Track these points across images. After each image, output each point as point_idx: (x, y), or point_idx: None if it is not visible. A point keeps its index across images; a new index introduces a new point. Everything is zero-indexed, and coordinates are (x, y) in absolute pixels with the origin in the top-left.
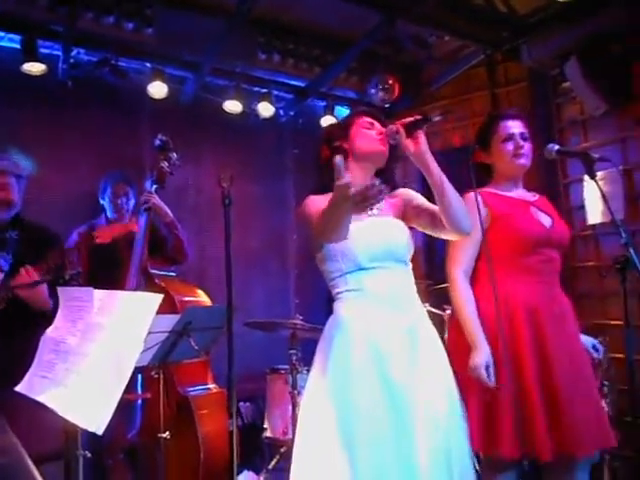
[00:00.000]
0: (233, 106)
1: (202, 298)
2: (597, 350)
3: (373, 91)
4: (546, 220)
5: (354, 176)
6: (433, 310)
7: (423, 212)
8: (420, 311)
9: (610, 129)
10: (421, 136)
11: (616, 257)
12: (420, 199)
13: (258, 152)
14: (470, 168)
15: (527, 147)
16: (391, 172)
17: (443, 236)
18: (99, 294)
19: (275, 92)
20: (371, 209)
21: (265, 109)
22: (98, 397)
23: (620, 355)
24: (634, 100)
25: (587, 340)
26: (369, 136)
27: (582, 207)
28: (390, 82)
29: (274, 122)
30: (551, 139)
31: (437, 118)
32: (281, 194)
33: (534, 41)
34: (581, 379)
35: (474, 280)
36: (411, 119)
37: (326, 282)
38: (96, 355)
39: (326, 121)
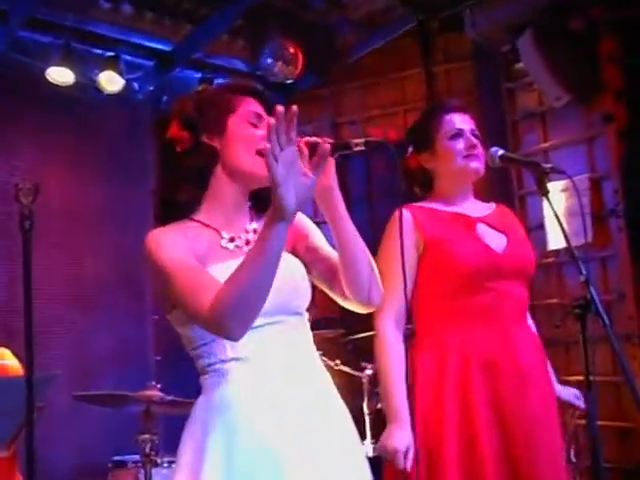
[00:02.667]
0: (61, 75)
1: (8, 361)
2: (579, 400)
3: (269, 61)
4: (498, 241)
5: (219, 195)
6: (347, 370)
7: (320, 260)
8: (323, 379)
9: (574, 125)
10: (331, 166)
11: (576, 298)
12: (319, 237)
13: (101, 142)
14: (402, 176)
15: (480, 147)
16: (268, 197)
17: (342, 303)
18: None
19: (126, 57)
20: (246, 242)
21: (110, 81)
22: None
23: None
24: (601, 90)
25: (567, 393)
26: (252, 144)
27: (542, 227)
28: (291, 50)
29: (125, 100)
30: (501, 135)
31: (359, 148)
32: (136, 202)
33: (480, 8)
34: (549, 455)
35: (414, 327)
36: (319, 141)
37: (187, 350)
38: None
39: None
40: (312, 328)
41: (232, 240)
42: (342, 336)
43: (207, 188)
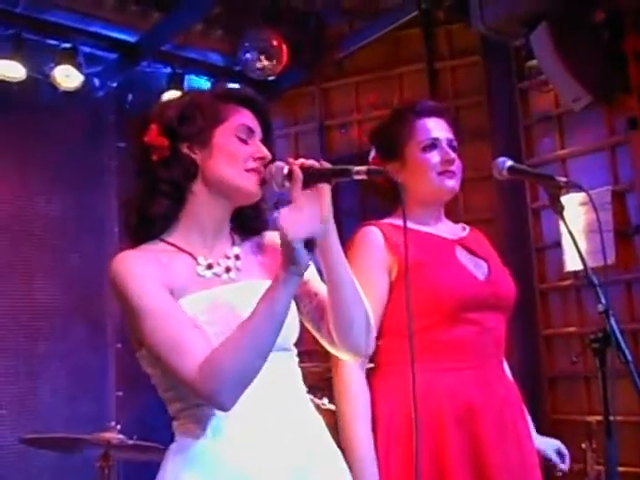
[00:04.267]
0: (11, 69)
1: None
2: (563, 456)
3: (249, 55)
4: (479, 268)
5: (197, 214)
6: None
7: (309, 295)
8: (314, 422)
9: (595, 130)
10: (326, 195)
11: (594, 330)
12: (310, 269)
13: (56, 146)
14: (371, 187)
15: (458, 161)
16: (258, 214)
17: (328, 347)
18: None
19: (85, 49)
20: (227, 269)
21: (67, 76)
22: None
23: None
24: (626, 90)
25: (548, 444)
26: (238, 161)
27: (559, 245)
28: (274, 43)
29: (85, 98)
30: (512, 141)
31: (361, 176)
32: (96, 216)
33: None
34: None
35: (376, 367)
36: (317, 165)
37: (159, 391)
38: None
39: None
40: (299, 361)
41: (210, 267)
42: (329, 370)
43: (183, 205)
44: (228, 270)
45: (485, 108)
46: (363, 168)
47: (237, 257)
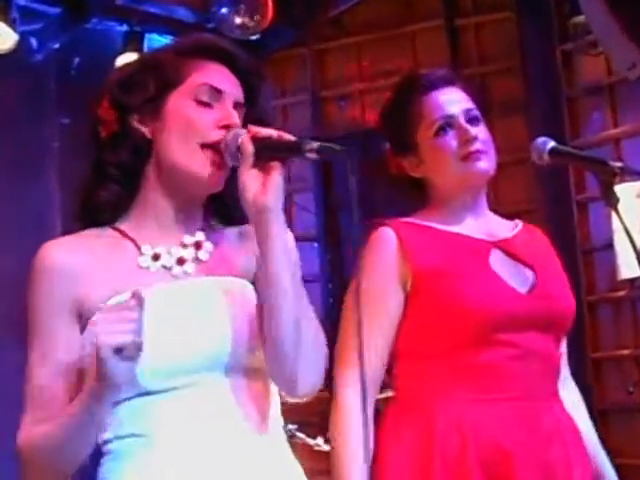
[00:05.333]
0: None
1: None
2: None
3: (224, 10)
4: (522, 277)
5: (150, 201)
6: None
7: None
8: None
9: None
10: (275, 176)
11: None
12: None
13: None
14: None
15: (483, 135)
16: (232, 204)
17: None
18: None
19: (20, 2)
20: (179, 261)
21: None
22: None
23: None
24: None
25: None
26: (194, 132)
27: (610, 246)
28: None
29: (20, 62)
30: (554, 118)
31: (312, 155)
32: (35, 206)
33: None
34: None
35: (392, 397)
36: (275, 137)
37: None
38: None
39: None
40: None
41: (156, 258)
42: (326, 402)
43: (137, 191)
44: (181, 262)
45: (519, 76)
46: (314, 145)
47: (198, 245)
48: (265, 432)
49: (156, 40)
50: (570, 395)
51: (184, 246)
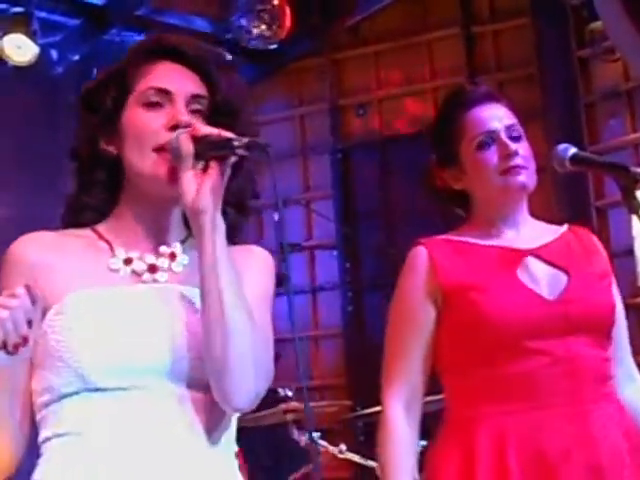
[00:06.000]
0: None
1: None
2: None
3: (243, 21)
4: (552, 282)
5: (131, 210)
6: (356, 459)
7: None
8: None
9: None
10: (213, 175)
11: None
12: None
13: (4, 132)
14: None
15: (524, 150)
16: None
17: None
18: None
19: (41, 14)
20: (151, 268)
21: (19, 47)
22: None
23: None
24: None
25: None
26: (145, 138)
27: (631, 253)
28: (275, 3)
29: (40, 74)
30: (572, 124)
31: (241, 152)
32: (50, 221)
33: None
34: None
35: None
36: (215, 135)
37: None
38: None
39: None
40: (310, 399)
41: (128, 262)
42: (349, 410)
43: (119, 196)
44: (153, 270)
45: (537, 82)
46: (244, 140)
47: (173, 256)
48: (205, 444)
49: None
50: (636, 394)
51: (158, 255)
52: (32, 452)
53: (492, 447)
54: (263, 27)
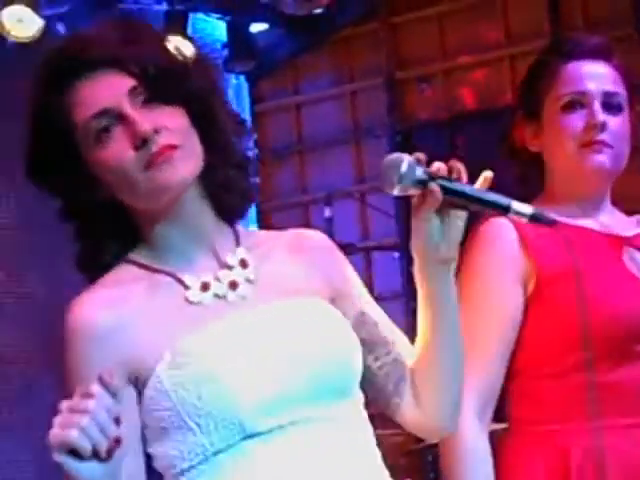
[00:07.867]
0: None
1: None
2: None
3: None
4: None
5: (152, 230)
6: None
7: (385, 344)
8: None
9: None
10: (461, 226)
11: None
12: (365, 303)
13: (6, 117)
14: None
15: (616, 126)
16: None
17: (396, 418)
18: None
19: None
20: (232, 284)
21: (20, 21)
22: None
23: None
24: None
25: None
26: (125, 170)
27: None
28: None
29: (45, 51)
30: None
31: (517, 218)
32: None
33: None
34: None
35: (509, 427)
36: (466, 190)
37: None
38: None
39: (171, 46)
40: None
41: (206, 288)
42: (414, 441)
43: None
44: (234, 286)
45: (635, 44)
46: (528, 212)
47: (244, 263)
48: (379, 463)
49: (201, 21)
50: None
51: (229, 267)
52: None
53: (590, 466)
54: None
